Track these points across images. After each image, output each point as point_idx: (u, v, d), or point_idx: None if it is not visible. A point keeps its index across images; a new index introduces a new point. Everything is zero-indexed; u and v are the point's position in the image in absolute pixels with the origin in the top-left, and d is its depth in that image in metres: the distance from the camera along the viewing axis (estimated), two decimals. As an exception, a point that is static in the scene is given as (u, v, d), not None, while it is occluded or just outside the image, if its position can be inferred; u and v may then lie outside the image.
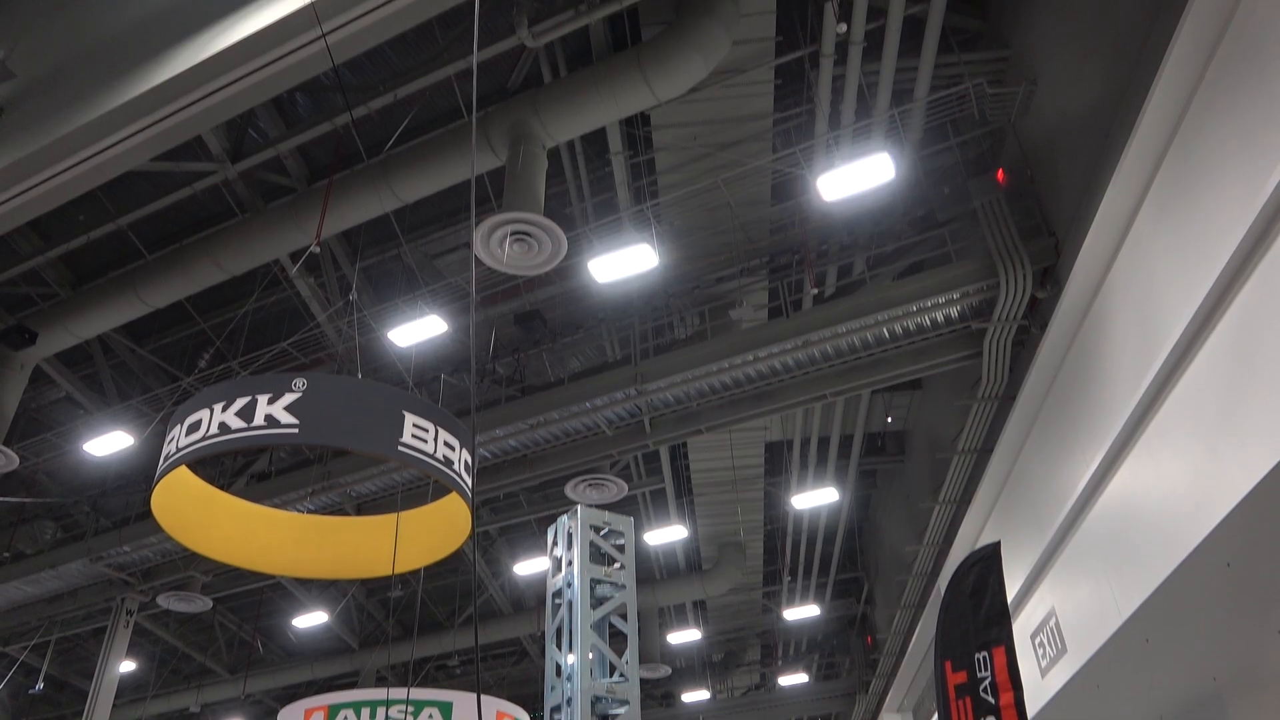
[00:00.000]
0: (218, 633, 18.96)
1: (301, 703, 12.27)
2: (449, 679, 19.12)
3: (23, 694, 19.17)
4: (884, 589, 18.78)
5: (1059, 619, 10.38)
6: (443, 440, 6.37)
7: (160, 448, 6.31)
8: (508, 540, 16.73)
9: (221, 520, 7.36)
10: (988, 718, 4.53)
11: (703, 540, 16.87)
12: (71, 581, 14.54)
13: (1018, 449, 11.07)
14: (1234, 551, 7.39)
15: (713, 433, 11.96)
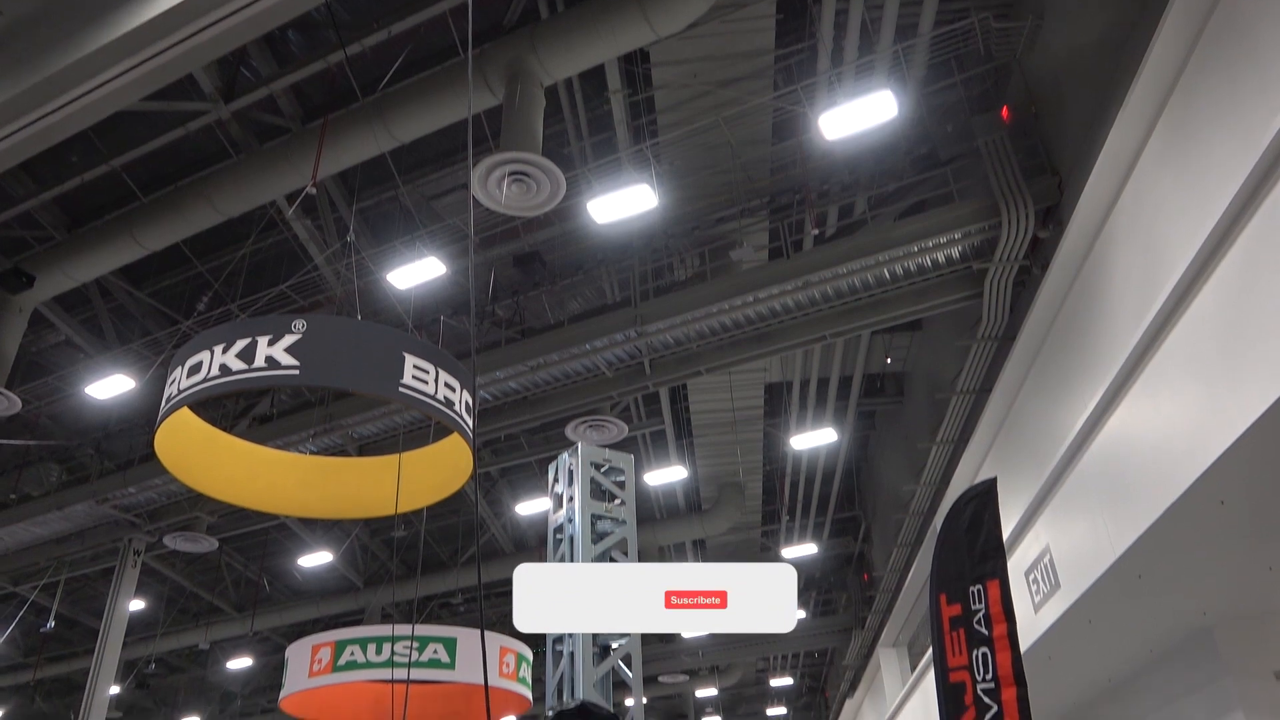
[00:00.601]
0: (224, 572, 19.25)
1: (308, 639, 12.51)
2: (452, 616, 19.47)
3: (34, 632, 19.54)
4: (881, 528, 19.03)
5: (1053, 556, 10.52)
6: (443, 381, 6.39)
7: (161, 390, 6.34)
8: (509, 481, 16.90)
9: (225, 461, 7.41)
10: (980, 649, 4.63)
11: (702, 480, 17.03)
12: (78, 523, 14.72)
13: (1016, 389, 11.11)
14: (1228, 489, 7.45)
15: (712, 374, 11.99)
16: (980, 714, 4.55)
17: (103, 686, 13.71)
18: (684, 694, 25.96)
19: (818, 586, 23.64)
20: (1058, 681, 12.76)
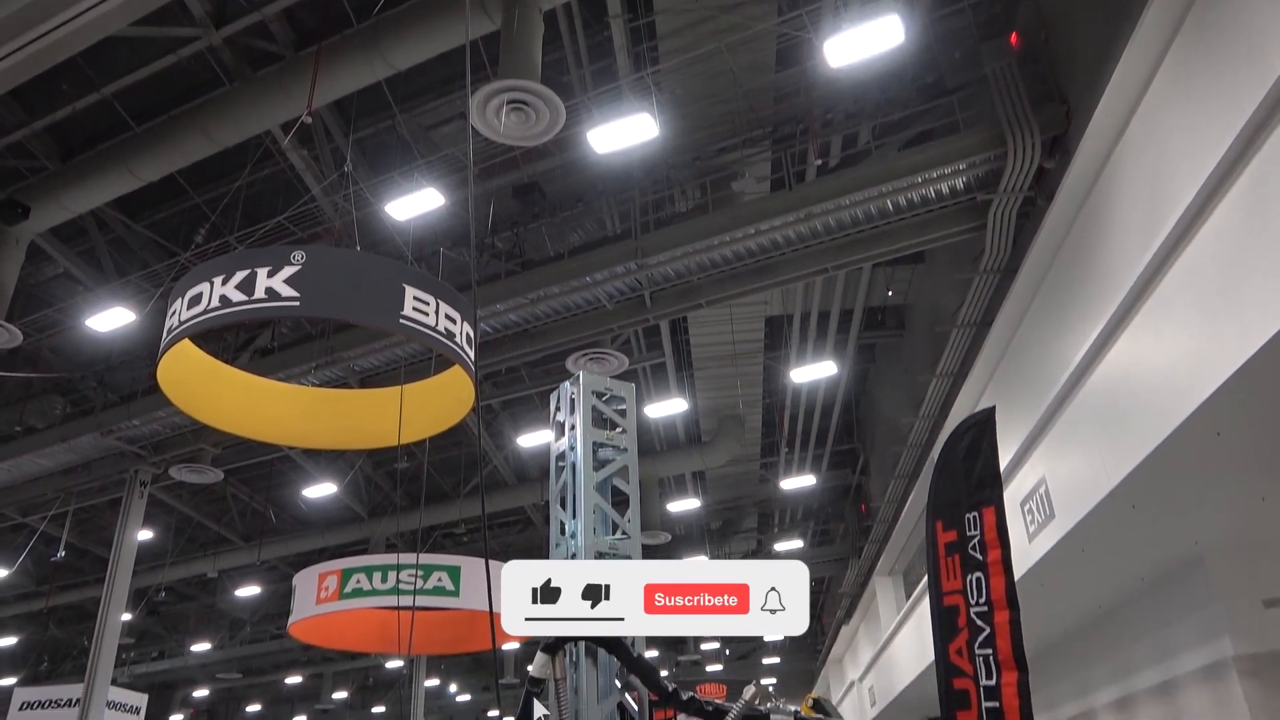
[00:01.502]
0: (230, 503, 19.50)
1: (315, 567, 12.76)
2: (456, 546, 19.79)
3: (45, 562, 19.88)
4: (879, 460, 19.22)
5: (1049, 486, 10.65)
6: (444, 313, 6.38)
7: (162, 323, 6.33)
8: (510, 414, 17.00)
9: (227, 393, 7.45)
10: (975, 573, 4.71)
11: (702, 413, 17.14)
12: (84, 454, 14.85)
13: (1017, 321, 11.11)
14: (1225, 421, 7.50)
15: (713, 307, 11.96)
16: (973, 636, 4.65)
17: (114, 614, 14.00)
18: (683, 621, 26.56)
19: (815, 517, 23.99)
20: (1050, 608, 13.03)
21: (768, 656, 33.50)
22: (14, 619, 24.38)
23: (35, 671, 28.05)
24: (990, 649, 4.59)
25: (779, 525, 23.90)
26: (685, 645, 29.34)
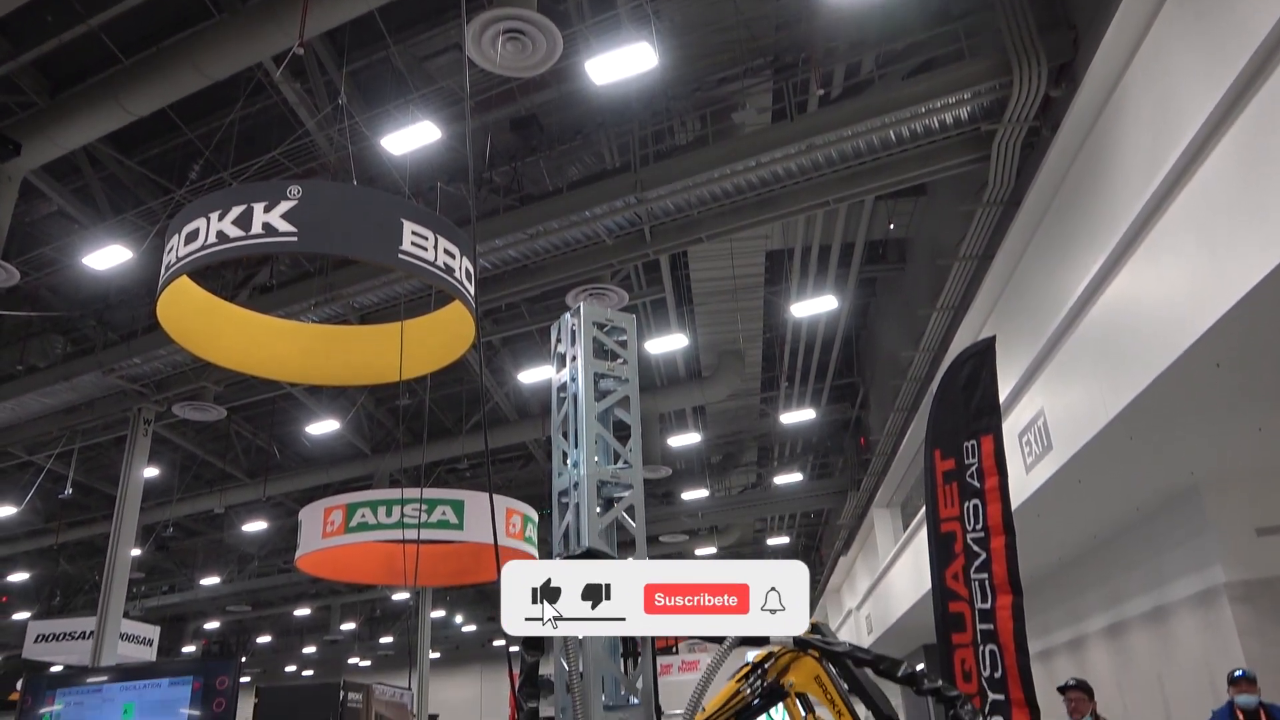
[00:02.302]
0: (234, 441, 19.65)
1: (320, 502, 12.92)
2: (459, 481, 19.99)
3: (52, 499, 20.12)
4: (879, 393, 19.31)
5: (1047, 419, 10.72)
6: (443, 248, 6.34)
7: (160, 260, 6.30)
8: (511, 350, 17.01)
9: (228, 330, 7.44)
10: (972, 500, 4.78)
11: (702, 348, 17.16)
12: (86, 393, 14.91)
13: (1019, 253, 11.05)
14: (1225, 352, 7.52)
15: (714, 241, 11.89)
16: (969, 561, 4.73)
17: (123, 549, 14.22)
18: (684, 553, 26.97)
19: (815, 451, 24.19)
20: (1045, 538, 13.24)
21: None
22: (25, 555, 24.77)
23: (48, 606, 28.62)
24: (986, 574, 4.68)
25: (779, 459, 24.11)
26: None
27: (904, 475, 19.95)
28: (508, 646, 2.54)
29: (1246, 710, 5.32)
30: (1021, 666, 4.48)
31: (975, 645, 4.59)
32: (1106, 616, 16.14)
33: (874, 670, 2.54)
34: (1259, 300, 6.52)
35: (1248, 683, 5.47)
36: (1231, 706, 5.45)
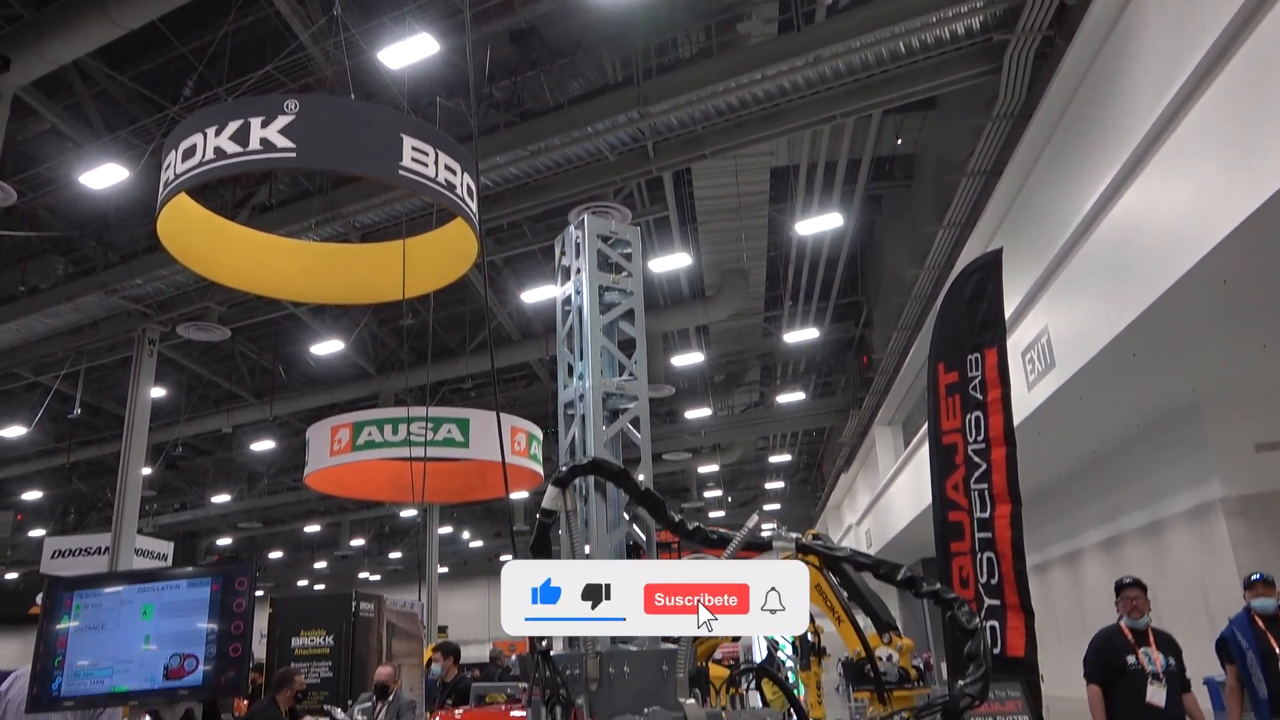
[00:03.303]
0: (239, 361, 19.75)
1: (327, 421, 13.05)
2: (464, 401, 20.14)
3: (62, 419, 20.33)
4: (882, 312, 19.29)
5: (1051, 336, 10.73)
6: (443, 164, 6.26)
7: (157, 180, 6.22)
8: (513, 270, 16.93)
9: (230, 248, 7.40)
10: (974, 412, 4.81)
11: (706, 267, 17.07)
12: (90, 314, 14.93)
13: (1028, 169, 10.89)
14: (1232, 268, 7.47)
15: (718, 158, 11.71)
16: (969, 472, 4.80)
17: (134, 468, 14.43)
18: (687, 470, 27.35)
19: (818, 370, 24.29)
20: (1044, 455, 13.39)
21: (769, 504, 34.68)
22: (38, 474, 25.17)
23: (63, 523, 29.20)
24: (985, 484, 4.74)
25: (781, 378, 24.22)
26: (689, 494, 30.31)
27: (906, 393, 20.06)
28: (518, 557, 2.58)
29: (1264, 615, 5.26)
30: (1018, 573, 4.60)
31: (973, 553, 4.70)
32: (1102, 531, 16.43)
33: (874, 574, 2.60)
34: (1271, 215, 6.44)
35: (1265, 585, 5.36)
36: (1249, 612, 5.37)
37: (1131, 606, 4.96)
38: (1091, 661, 5.02)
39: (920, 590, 2.52)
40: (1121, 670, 4.82)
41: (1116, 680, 4.84)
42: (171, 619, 3.61)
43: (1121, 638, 4.95)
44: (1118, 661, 4.86)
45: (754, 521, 2.48)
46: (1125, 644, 4.90)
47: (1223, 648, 5.24)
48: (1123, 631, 4.98)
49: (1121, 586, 5.13)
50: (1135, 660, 4.81)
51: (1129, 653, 4.84)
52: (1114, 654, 4.91)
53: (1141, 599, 4.99)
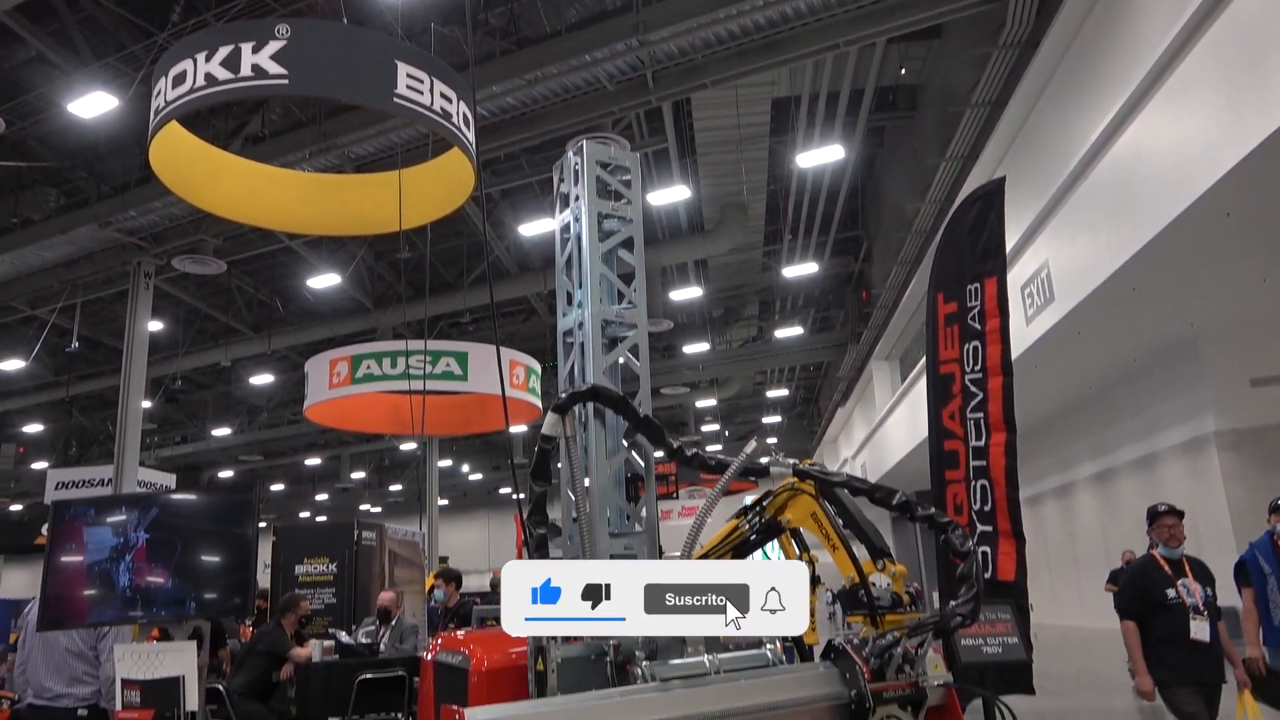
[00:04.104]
0: (236, 295, 19.68)
1: (326, 354, 13.07)
2: (462, 335, 20.13)
3: (60, 353, 20.33)
4: (882, 246, 19.19)
5: (1051, 271, 10.70)
6: (439, 92, 6.14)
7: (148, 109, 6.11)
8: (510, 203, 16.76)
9: (224, 178, 7.31)
10: (972, 342, 4.81)
11: (705, 201, 16.91)
12: (84, 247, 14.81)
13: (1034, 99, 10.73)
14: (1237, 201, 7.43)
15: (718, 88, 11.51)
16: (966, 401, 4.83)
17: (134, 401, 14.47)
18: (684, 405, 27.50)
19: (816, 304, 24.26)
20: (1040, 389, 13.48)
21: (766, 437, 34.98)
22: (38, 408, 25.28)
23: (65, 456, 29.43)
24: (981, 413, 4.77)
25: (779, 312, 24.20)
26: (686, 429, 30.53)
27: (904, 328, 20.08)
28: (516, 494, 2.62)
29: None
30: (1010, 500, 4.65)
31: (967, 481, 4.76)
32: (1095, 464, 16.63)
33: (870, 499, 2.63)
34: (1278, 147, 6.37)
35: None
36: (1271, 536, 5.17)
37: (1169, 535, 4.58)
38: (1128, 596, 4.62)
39: (915, 514, 2.55)
40: (1161, 604, 4.46)
41: (1155, 615, 4.47)
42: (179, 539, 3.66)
43: (1158, 569, 4.56)
44: (1157, 595, 4.49)
45: (751, 448, 2.51)
46: (1163, 576, 4.51)
47: (1241, 571, 4.97)
48: (1158, 562, 4.59)
49: (1156, 514, 4.71)
50: (1175, 593, 4.43)
51: (1168, 585, 4.46)
52: (1152, 587, 4.52)
53: (1179, 527, 4.62)
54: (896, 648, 2.40)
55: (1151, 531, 4.73)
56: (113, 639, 3.66)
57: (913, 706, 2.43)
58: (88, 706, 3.63)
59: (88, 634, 3.72)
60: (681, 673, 2.24)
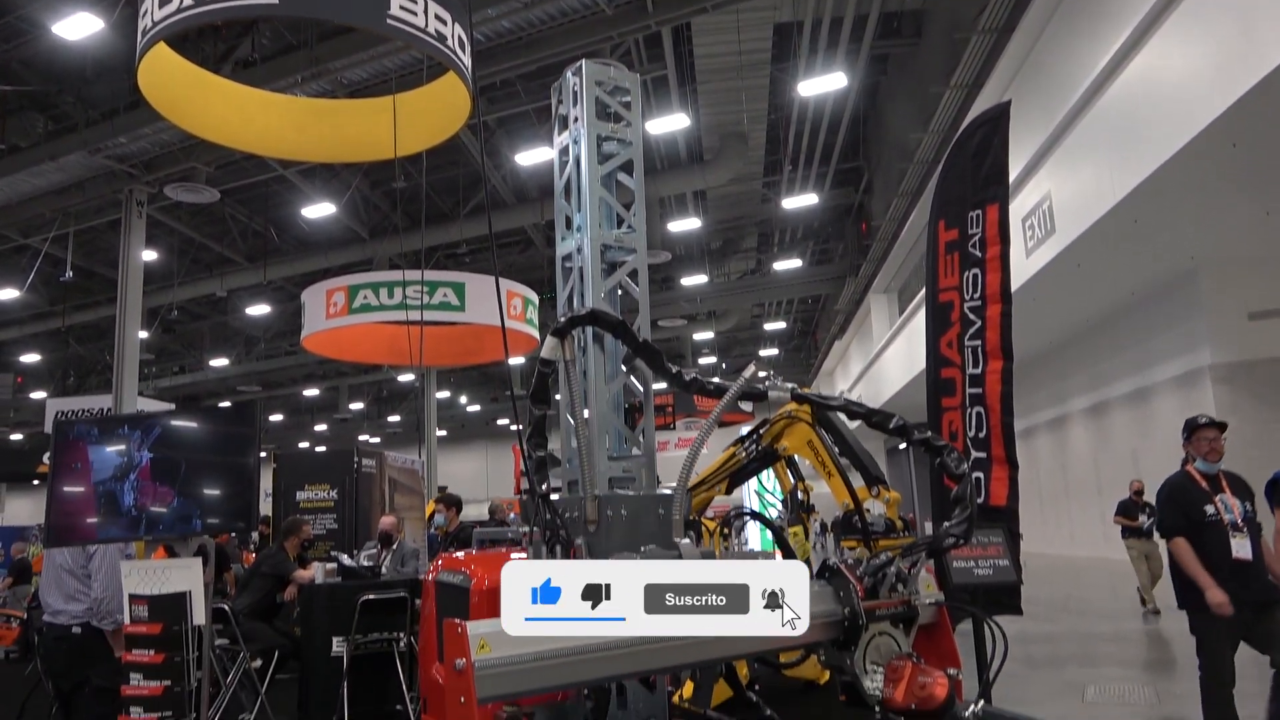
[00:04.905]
0: (230, 224, 19.51)
1: (322, 284, 13.01)
2: (459, 266, 20.02)
3: (54, 282, 20.22)
4: (883, 177, 19.00)
5: (1053, 202, 10.62)
6: (433, 14, 6.00)
7: (135, 32, 5.97)
8: (507, 132, 16.50)
9: (215, 102, 7.18)
10: (972, 270, 4.79)
11: (705, 130, 16.67)
12: (75, 174, 14.62)
13: (1042, 25, 10.53)
14: (1244, 131, 7.34)
15: (720, 12, 11.25)
16: (964, 329, 4.83)
17: (130, 331, 14.46)
18: (682, 337, 27.52)
19: (815, 236, 24.11)
20: (1037, 323, 13.49)
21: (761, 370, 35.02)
22: (34, 338, 25.26)
23: (63, 386, 29.52)
24: (979, 340, 4.78)
25: (778, 245, 24.05)
26: (684, 361, 30.59)
27: (904, 260, 20.01)
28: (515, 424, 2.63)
29: None
30: (1005, 426, 4.69)
31: (963, 408, 4.79)
32: (1089, 398, 16.76)
33: (867, 422, 2.64)
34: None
35: None
36: None
37: (1209, 449, 4.35)
38: (1169, 513, 4.40)
39: (911, 437, 2.57)
40: (1201, 522, 4.25)
41: (1195, 534, 4.25)
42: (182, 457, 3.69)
43: (1194, 485, 4.34)
44: (1196, 513, 4.26)
45: (750, 371, 2.51)
46: (1200, 492, 4.31)
47: (1274, 489, 4.67)
48: (1193, 478, 4.38)
49: (1195, 426, 4.46)
50: (1214, 510, 4.23)
51: (1205, 502, 4.27)
52: (1191, 504, 4.30)
53: (1219, 440, 4.39)
54: (890, 567, 2.44)
55: (1188, 445, 4.50)
56: (100, 559, 3.70)
57: (904, 624, 2.48)
58: (81, 624, 3.71)
59: (79, 553, 3.77)
60: (678, 590, 2.28)
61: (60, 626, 3.77)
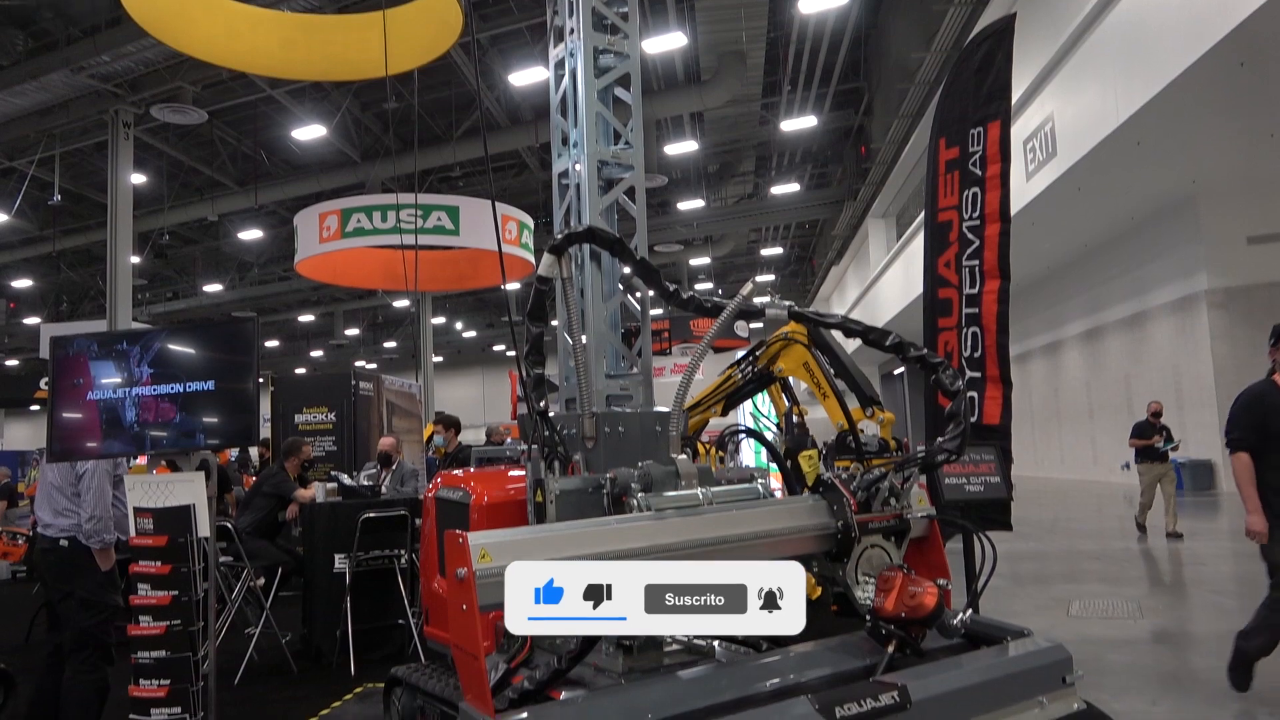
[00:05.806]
0: (219, 147, 19.17)
1: (314, 208, 12.87)
2: (452, 189, 19.78)
3: (43, 206, 19.94)
4: (884, 99, 18.67)
5: (1055, 124, 10.48)
6: (423, -77, 5.82)
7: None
8: (500, 50, 16.11)
9: (200, 18, 7.00)
10: (972, 189, 4.74)
11: (702, 49, 16.28)
12: (58, 94, 14.30)
13: (1049, -60, 10.22)
14: (1252, 50, 7.20)
15: (718, -77, 10.90)
16: (962, 249, 4.82)
17: (122, 255, 14.34)
18: (678, 263, 27.39)
19: (814, 160, 23.79)
20: (1035, 247, 13.44)
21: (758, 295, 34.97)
22: (25, 263, 25.04)
23: (56, 311, 29.38)
24: (977, 260, 4.77)
25: (776, 169, 23.75)
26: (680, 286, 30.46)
27: (903, 184, 19.82)
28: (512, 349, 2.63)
29: None
30: (1000, 346, 4.72)
31: (959, 328, 4.80)
32: (1084, 323, 16.80)
33: (864, 339, 2.66)
34: (1300, -11, 6.13)
35: None
36: None
37: None
38: (1244, 425, 4.00)
39: (907, 355, 2.59)
40: (1278, 435, 3.92)
41: (1270, 451, 3.91)
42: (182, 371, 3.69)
43: (1278, 396, 4.00)
44: (1274, 425, 3.92)
45: (748, 289, 2.51)
46: None
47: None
48: (1279, 388, 4.03)
49: None
50: None
51: None
52: (1271, 415, 3.94)
53: None
54: (883, 482, 2.49)
55: (1275, 352, 4.11)
56: (89, 479, 3.74)
57: (896, 537, 2.54)
58: (68, 538, 3.78)
59: (68, 469, 3.81)
60: (675, 504, 2.33)
61: (49, 539, 3.85)
